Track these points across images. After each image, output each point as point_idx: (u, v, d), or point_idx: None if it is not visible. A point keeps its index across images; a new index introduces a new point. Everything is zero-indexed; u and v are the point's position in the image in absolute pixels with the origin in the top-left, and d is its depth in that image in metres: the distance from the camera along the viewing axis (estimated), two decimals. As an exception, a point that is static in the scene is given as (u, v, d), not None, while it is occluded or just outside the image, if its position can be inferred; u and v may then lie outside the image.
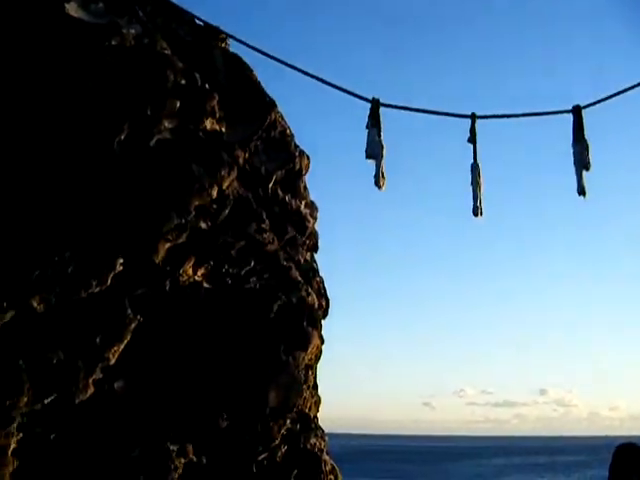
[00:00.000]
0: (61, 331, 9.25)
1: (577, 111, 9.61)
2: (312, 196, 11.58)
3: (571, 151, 9.55)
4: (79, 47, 9.78)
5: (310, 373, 10.66)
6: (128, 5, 10.34)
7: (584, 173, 9.53)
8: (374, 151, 9.90)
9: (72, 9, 9.93)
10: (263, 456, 10.15)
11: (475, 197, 9.97)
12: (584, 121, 9.52)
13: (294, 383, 10.36)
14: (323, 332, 10.94)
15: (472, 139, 9.96)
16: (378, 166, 9.87)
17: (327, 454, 10.75)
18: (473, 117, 9.79)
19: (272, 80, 11.34)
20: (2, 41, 9.65)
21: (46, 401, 8.99)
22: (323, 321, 11.07)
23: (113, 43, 9.95)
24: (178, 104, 10.23)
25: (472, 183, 10.00)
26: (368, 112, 10.07)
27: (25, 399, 8.82)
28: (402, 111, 9.99)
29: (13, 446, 8.80)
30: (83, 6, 10.04)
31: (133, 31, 10.14)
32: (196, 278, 10.15)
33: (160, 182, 9.92)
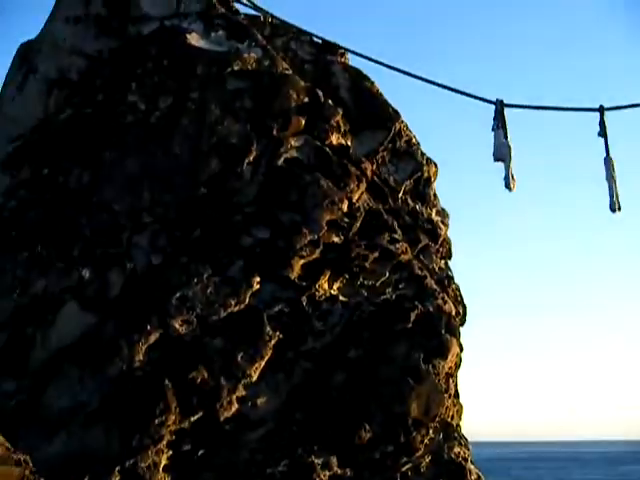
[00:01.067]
0: (203, 351, 9.54)
1: None
2: (442, 203, 11.49)
3: None
4: (203, 74, 10.12)
5: (451, 381, 10.55)
6: (247, 30, 10.62)
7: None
8: (502, 153, 9.77)
9: (194, 39, 10.30)
10: (407, 467, 10.12)
11: (611, 192, 9.70)
12: None
13: (435, 392, 10.28)
14: (462, 339, 10.83)
15: (603, 132, 9.69)
16: (507, 168, 9.74)
17: (472, 463, 10.61)
18: (602, 110, 9.53)
19: (390, 90, 11.36)
20: (130, 76, 10.12)
21: (193, 419, 9.28)
22: (461, 328, 10.96)
23: (235, 68, 10.25)
24: (303, 122, 10.39)
25: (607, 178, 9.74)
26: (493, 114, 9.96)
27: (173, 417, 9.13)
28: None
29: (164, 462, 9.13)
30: (204, 35, 10.39)
31: (254, 55, 10.40)
32: (332, 292, 10.23)
33: (290, 199, 10.10)
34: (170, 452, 9.18)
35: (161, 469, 9.07)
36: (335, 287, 10.27)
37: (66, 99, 10.50)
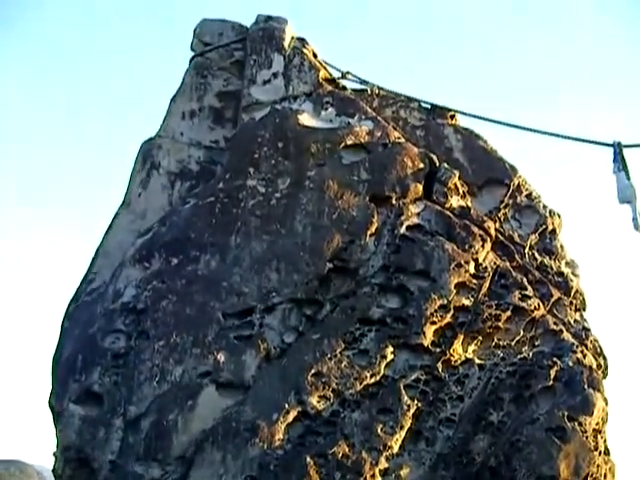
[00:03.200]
0: (342, 425, 9.54)
1: None
2: (571, 254, 11.24)
3: None
4: (317, 152, 10.33)
5: (599, 437, 10.16)
6: (356, 104, 10.81)
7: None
8: (627, 195, 9.58)
9: (305, 119, 10.54)
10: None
11: None
12: None
13: (584, 451, 9.92)
14: (606, 393, 10.46)
15: None
16: (634, 209, 9.53)
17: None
18: None
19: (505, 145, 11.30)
20: (247, 161, 10.42)
21: (336, 495, 9.24)
22: (604, 381, 10.59)
23: (348, 142, 10.42)
24: (421, 188, 10.44)
25: None
26: (612, 157, 9.79)
27: (317, 495, 9.12)
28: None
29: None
30: (314, 114, 10.64)
31: (365, 127, 10.56)
32: (467, 355, 10.12)
33: (417, 266, 10.10)
34: (319, 530, 9.15)
35: None
36: (470, 350, 10.15)
37: (188, 190, 10.89)
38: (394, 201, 10.30)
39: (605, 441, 10.30)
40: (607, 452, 10.31)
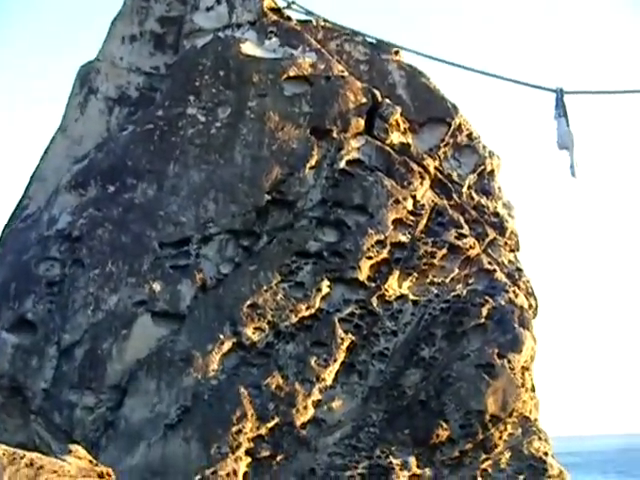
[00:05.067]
0: (276, 357, 9.60)
1: None
2: (507, 195, 11.34)
3: None
4: (259, 82, 10.20)
5: (527, 375, 10.38)
6: (300, 35, 10.66)
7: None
8: (565, 141, 9.68)
9: (248, 48, 10.39)
10: (487, 464, 9.99)
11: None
12: None
13: (511, 387, 10.14)
14: (535, 332, 10.66)
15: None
16: (572, 156, 9.64)
17: (553, 457, 10.43)
18: (667, 91, 9.36)
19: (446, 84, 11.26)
20: (187, 89, 10.25)
21: (269, 425, 9.34)
22: (534, 321, 10.79)
23: (291, 74, 10.30)
24: (362, 122, 10.39)
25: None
26: (554, 103, 9.85)
27: (250, 424, 9.21)
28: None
29: (243, 470, 9.21)
30: (258, 43, 10.48)
31: (309, 59, 10.45)
32: (402, 291, 10.19)
33: (355, 201, 10.10)
34: (249, 459, 9.25)
35: (240, 476, 9.14)
36: (405, 286, 10.23)
37: (127, 116, 10.70)
38: (335, 135, 10.24)
39: (532, 378, 10.53)
40: (533, 389, 10.55)
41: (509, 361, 10.18)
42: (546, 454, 10.31)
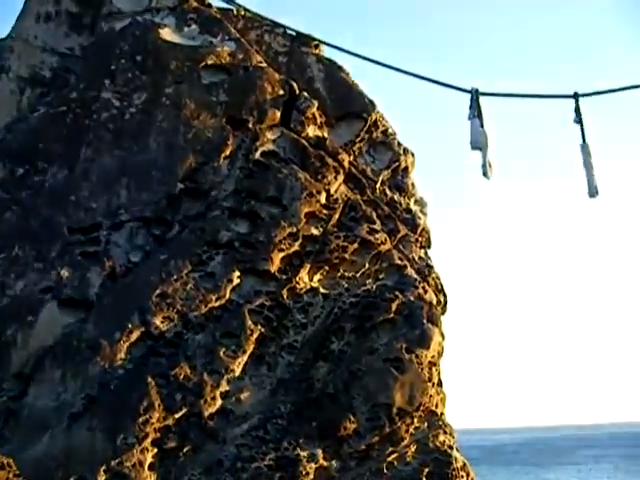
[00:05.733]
0: (185, 347, 9.51)
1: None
2: (420, 192, 11.48)
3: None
4: (176, 69, 10.07)
5: (434, 370, 10.55)
6: (220, 23, 10.55)
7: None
8: (479, 142, 9.82)
9: (166, 34, 10.23)
10: (393, 457, 10.12)
11: (589, 178, 9.77)
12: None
13: (419, 381, 10.29)
14: (443, 328, 10.83)
15: (578, 119, 9.75)
16: (484, 156, 9.79)
17: (457, 451, 10.63)
18: (576, 96, 9.58)
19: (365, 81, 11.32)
20: (103, 73, 10.05)
21: (177, 416, 9.25)
22: (443, 317, 10.96)
23: (209, 62, 10.19)
24: (279, 114, 10.36)
25: (584, 164, 9.81)
26: (468, 103, 9.99)
27: (157, 415, 9.11)
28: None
29: (149, 461, 9.10)
30: (177, 30, 10.33)
31: (227, 48, 10.35)
32: (312, 284, 10.22)
33: (268, 193, 10.07)
34: (155, 450, 9.14)
35: (146, 467, 9.04)
36: (315, 279, 10.26)
37: (39, 97, 10.43)
38: (251, 125, 10.19)
39: (439, 373, 10.70)
40: (440, 384, 10.73)
41: (417, 356, 10.33)
42: (451, 447, 10.50)
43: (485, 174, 9.73)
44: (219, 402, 9.49)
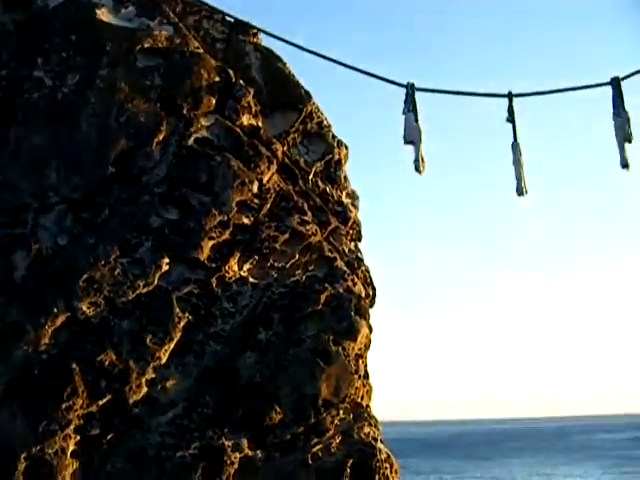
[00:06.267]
0: (111, 333, 9.38)
1: (616, 83, 9.54)
2: (353, 185, 11.54)
3: (612, 124, 9.49)
4: (112, 51, 9.90)
5: (361, 362, 10.64)
6: (158, 7, 10.39)
7: (627, 146, 9.47)
8: (412, 136, 9.92)
9: (103, 14, 10.01)
10: (317, 447, 10.16)
11: (518, 177, 9.96)
12: (623, 93, 9.45)
13: (345, 373, 10.35)
14: (371, 321, 10.92)
15: (511, 118, 9.94)
16: (417, 151, 9.90)
17: (382, 442, 10.74)
18: (510, 96, 9.77)
19: (303, 72, 11.30)
20: (36, 51, 9.83)
21: (100, 402, 9.14)
22: (371, 310, 11.05)
23: (145, 46, 10.04)
24: (214, 102, 10.27)
25: (514, 163, 10.00)
26: (404, 97, 10.09)
27: (80, 401, 8.98)
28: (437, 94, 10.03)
29: (72, 448, 8.97)
30: (114, 11, 10.14)
31: (165, 32, 10.17)
32: (242, 274, 10.20)
33: (200, 180, 10.00)
34: (78, 437, 9.01)
35: (69, 455, 8.91)
36: (245, 268, 10.23)
37: (-33, 74, 10.14)
38: (185, 111, 10.06)
39: (366, 366, 10.80)
40: (367, 376, 10.82)
41: (344, 348, 10.39)
42: (375, 439, 10.60)
43: (417, 169, 9.84)
44: (144, 390, 9.40)
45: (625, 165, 9.26)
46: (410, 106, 9.87)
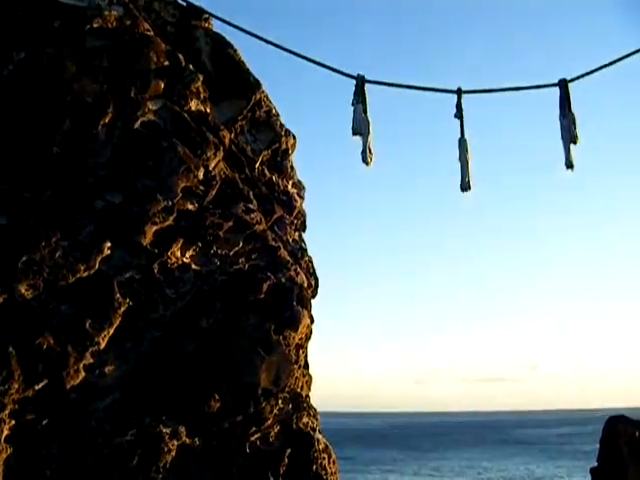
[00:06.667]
0: (50, 317, 9.23)
1: (564, 84, 9.64)
2: (299, 175, 11.53)
3: (558, 125, 9.60)
4: (60, 30, 9.71)
5: (301, 352, 10.65)
6: (109, -14, 10.25)
7: (572, 147, 9.58)
8: (360, 128, 9.91)
9: (53, -8, 9.85)
10: (256, 436, 10.16)
11: (463, 172, 10.01)
12: (571, 95, 9.56)
13: (285, 363, 10.35)
14: (313, 311, 10.94)
15: (459, 114, 9.99)
16: (365, 142, 9.89)
17: (320, 433, 10.77)
18: (459, 92, 9.82)
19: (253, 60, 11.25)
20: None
21: (37, 387, 8.98)
22: (313, 300, 11.06)
23: (95, 26, 9.87)
24: (162, 86, 10.15)
25: (460, 158, 10.05)
26: (353, 89, 10.09)
27: (16, 385, 8.81)
28: (388, 88, 10.05)
29: (6, 433, 8.79)
30: (64, -12, 9.96)
31: (115, 13, 10.03)
32: (184, 260, 10.11)
33: (146, 165, 9.88)
34: (13, 422, 8.84)
35: (3, 440, 8.73)
36: (188, 255, 10.15)
37: None
38: (132, 94, 9.93)
39: (306, 356, 10.80)
40: (307, 366, 10.83)
41: (285, 337, 10.39)
42: (314, 430, 10.62)
43: (364, 160, 9.84)
44: (82, 375, 9.27)
45: (570, 165, 9.38)
46: (359, 97, 9.86)
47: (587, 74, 9.41)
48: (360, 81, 9.89)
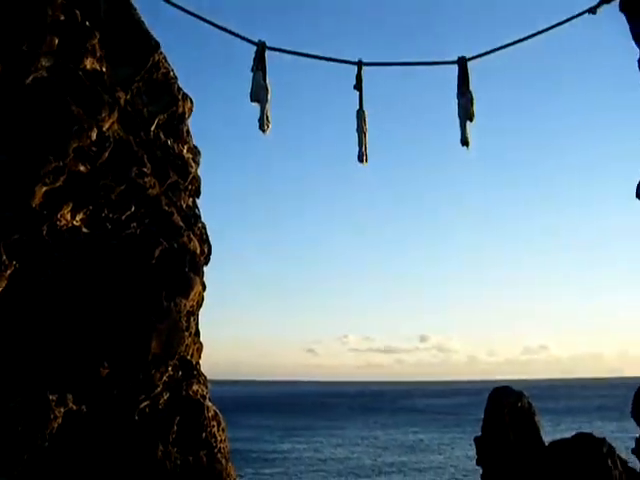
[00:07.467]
0: None
1: (462, 63, 9.69)
2: (195, 141, 11.36)
3: (455, 102, 9.66)
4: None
5: (192, 320, 10.54)
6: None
7: (468, 124, 9.65)
8: (259, 95, 9.78)
9: None
10: (145, 404, 10.01)
11: (360, 143, 10.00)
12: (470, 73, 9.62)
13: (176, 330, 10.22)
14: (205, 278, 10.83)
15: (358, 86, 9.96)
16: (263, 110, 9.77)
17: (210, 400, 10.70)
18: (359, 64, 9.78)
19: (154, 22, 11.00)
20: None
21: None
22: (205, 267, 10.95)
23: (-13, -24, 9.48)
24: (57, 41, 9.80)
25: (357, 129, 10.03)
26: (253, 55, 9.94)
27: None
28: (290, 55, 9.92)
29: None
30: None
31: (9, -35, 9.64)
32: (75, 223, 9.86)
33: (37, 123, 9.56)
34: None
35: None
36: (78, 218, 9.91)
37: None
38: (25, 48, 9.55)
39: (197, 323, 10.70)
40: (197, 333, 10.73)
41: (176, 304, 10.26)
42: (204, 397, 10.54)
43: (261, 127, 9.72)
44: (-35, 338, 8.99)
45: (465, 143, 9.46)
46: (258, 64, 9.71)
47: (486, 53, 9.47)
48: (260, 47, 9.74)
